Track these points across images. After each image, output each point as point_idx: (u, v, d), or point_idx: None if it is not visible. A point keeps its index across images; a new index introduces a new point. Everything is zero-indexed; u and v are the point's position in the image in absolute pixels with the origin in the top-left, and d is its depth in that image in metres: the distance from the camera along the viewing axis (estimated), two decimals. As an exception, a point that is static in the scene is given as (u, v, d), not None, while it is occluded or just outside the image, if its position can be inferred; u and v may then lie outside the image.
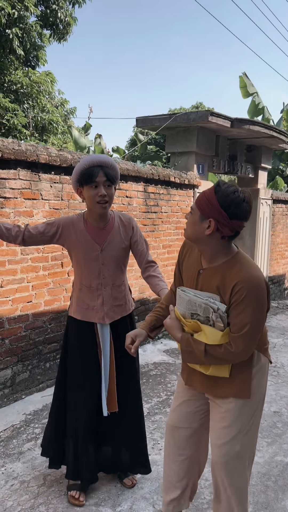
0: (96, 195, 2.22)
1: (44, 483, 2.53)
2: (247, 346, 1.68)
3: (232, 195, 1.63)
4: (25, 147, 3.46)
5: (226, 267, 1.71)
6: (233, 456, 1.81)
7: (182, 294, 1.78)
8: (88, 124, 12.24)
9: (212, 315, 1.69)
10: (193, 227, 1.72)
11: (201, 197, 1.70)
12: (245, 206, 1.64)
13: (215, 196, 1.64)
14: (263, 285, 1.66)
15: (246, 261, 1.72)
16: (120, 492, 2.46)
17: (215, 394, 1.83)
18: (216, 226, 1.65)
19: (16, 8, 10.89)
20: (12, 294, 3.48)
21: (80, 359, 2.41)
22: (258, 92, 11.71)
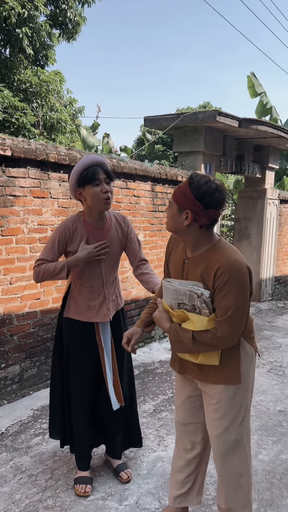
0: (101, 191, 2.26)
1: (52, 476, 2.58)
2: (232, 329, 1.73)
3: (204, 186, 1.71)
4: (35, 146, 3.50)
5: (209, 254, 1.77)
6: (232, 445, 1.87)
7: (168, 284, 1.83)
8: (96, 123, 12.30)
9: (197, 301, 1.74)
10: (172, 220, 1.81)
11: (177, 191, 1.79)
12: (218, 195, 1.72)
13: (189, 189, 1.73)
14: (244, 269, 1.72)
15: (228, 247, 1.79)
16: (127, 486, 2.50)
17: (207, 380, 1.87)
18: (193, 216, 1.73)
19: (26, 7, 10.95)
20: (21, 291, 3.52)
21: (82, 359, 2.46)
22: (266, 92, 11.69)
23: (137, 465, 2.71)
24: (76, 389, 2.47)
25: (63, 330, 2.52)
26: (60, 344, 2.53)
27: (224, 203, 1.75)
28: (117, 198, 4.47)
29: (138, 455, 2.81)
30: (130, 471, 2.58)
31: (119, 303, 2.55)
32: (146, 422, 3.24)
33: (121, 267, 4.55)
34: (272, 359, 4.81)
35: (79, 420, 2.48)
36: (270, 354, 4.99)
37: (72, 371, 2.47)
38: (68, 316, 2.46)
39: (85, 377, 2.46)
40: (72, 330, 2.46)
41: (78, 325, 2.44)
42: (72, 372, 2.47)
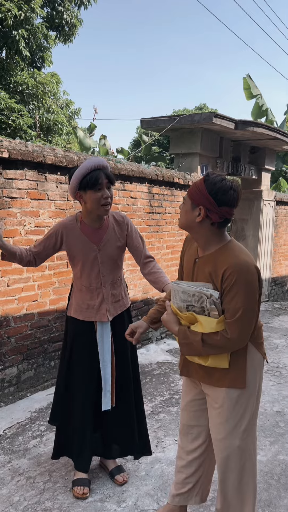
0: (101, 197, 2.28)
1: (50, 479, 2.57)
2: (242, 331, 1.72)
3: (219, 183, 1.73)
4: (32, 148, 3.50)
5: (218, 254, 1.78)
6: (234, 451, 1.85)
7: (176, 286, 1.83)
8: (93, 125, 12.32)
9: (206, 302, 1.73)
10: (185, 216, 1.82)
11: (192, 187, 1.80)
12: (232, 193, 1.73)
13: (204, 185, 1.75)
14: (253, 270, 1.71)
15: (237, 248, 1.79)
16: (125, 488, 2.50)
17: (211, 383, 1.86)
18: (206, 213, 1.74)
19: (23, 9, 10.96)
20: (18, 293, 3.52)
21: (82, 358, 2.46)
22: (261, 94, 11.74)
23: (135, 466, 2.71)
24: (79, 389, 2.47)
25: (67, 329, 2.54)
26: (65, 344, 2.54)
27: (238, 201, 1.76)
28: (114, 200, 4.47)
29: (136, 457, 2.81)
30: (126, 474, 2.58)
31: (124, 303, 2.54)
32: (144, 423, 3.25)
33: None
34: (269, 360, 4.83)
35: (81, 421, 2.47)
36: (267, 355, 5.00)
37: (74, 371, 2.48)
38: (70, 314, 2.48)
39: (87, 377, 2.46)
40: (73, 329, 2.47)
41: (79, 324, 2.45)
42: (74, 372, 2.48)
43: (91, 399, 2.47)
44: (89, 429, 2.49)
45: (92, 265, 2.40)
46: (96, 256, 2.40)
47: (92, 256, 2.39)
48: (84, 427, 2.47)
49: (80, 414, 2.47)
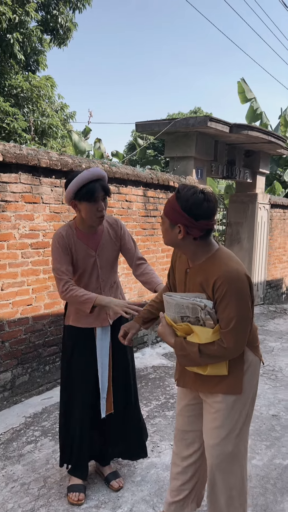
0: (96, 210, 2.28)
1: (45, 485, 2.55)
2: (238, 340, 1.71)
3: (191, 198, 1.69)
4: (27, 151, 3.49)
5: (208, 264, 1.76)
6: (226, 457, 1.84)
7: (169, 299, 1.81)
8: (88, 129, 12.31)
9: (201, 313, 1.72)
10: (166, 235, 1.80)
11: (167, 206, 1.76)
12: (206, 205, 1.69)
13: (177, 203, 1.71)
14: (243, 278, 1.70)
15: (226, 256, 1.76)
16: (120, 494, 2.48)
17: (207, 391, 1.85)
18: (186, 230, 1.71)
19: (17, 13, 10.96)
20: (12, 297, 3.50)
21: (81, 365, 2.44)
22: (256, 97, 11.79)
23: (130, 471, 2.69)
24: (78, 397, 2.45)
25: (65, 339, 2.52)
26: (64, 354, 2.52)
27: (215, 211, 1.73)
28: (109, 203, 4.46)
29: (132, 462, 2.79)
30: (122, 480, 2.56)
31: None
32: (140, 428, 3.22)
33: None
34: (265, 363, 4.82)
35: (81, 429, 2.44)
36: (263, 358, 4.99)
37: (74, 380, 2.45)
38: (68, 323, 2.45)
39: (87, 386, 2.44)
40: (72, 338, 2.45)
41: (78, 332, 2.43)
42: (74, 381, 2.45)
43: (90, 406, 2.45)
44: (89, 437, 2.47)
45: (91, 270, 2.40)
46: (95, 261, 2.40)
47: (91, 261, 2.39)
48: (84, 435, 2.45)
49: (80, 422, 2.45)
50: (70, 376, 2.47)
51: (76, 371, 2.45)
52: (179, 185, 1.77)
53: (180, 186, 1.75)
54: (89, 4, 13.24)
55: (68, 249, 2.34)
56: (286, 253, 9.25)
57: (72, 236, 2.36)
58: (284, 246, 9.11)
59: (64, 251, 2.32)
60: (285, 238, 9.11)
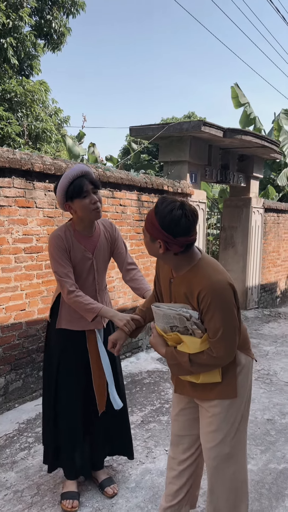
0: (90, 203, 2.26)
1: (38, 492, 2.52)
2: (227, 348, 1.71)
3: (169, 215, 1.65)
4: (20, 156, 3.47)
5: (190, 275, 1.75)
6: (224, 459, 1.84)
7: (157, 310, 1.81)
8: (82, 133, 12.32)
9: (188, 324, 1.73)
10: (148, 248, 1.79)
11: (147, 220, 1.75)
12: (184, 221, 1.65)
13: (155, 218, 1.68)
14: (226, 287, 1.68)
15: (209, 266, 1.74)
16: (115, 501, 2.45)
17: (203, 397, 1.86)
18: (165, 246, 1.70)
19: (11, 18, 10.96)
20: (5, 302, 3.47)
21: (73, 371, 2.43)
22: (249, 102, 11.85)
23: (125, 478, 2.67)
24: (67, 401, 2.43)
25: (52, 343, 2.48)
26: (50, 358, 2.48)
27: (194, 227, 1.69)
28: (104, 208, 4.45)
29: (126, 468, 2.77)
30: (116, 487, 2.54)
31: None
32: (134, 433, 3.20)
33: (108, 276, 4.52)
34: (259, 367, 4.82)
35: (72, 430, 2.43)
36: (257, 362, 4.99)
37: (62, 384, 2.43)
38: (60, 326, 2.42)
39: (76, 389, 2.43)
40: (64, 341, 2.43)
41: (71, 335, 2.41)
42: (62, 385, 2.43)
43: (80, 409, 2.44)
44: (81, 438, 2.46)
45: (88, 273, 2.39)
46: (92, 264, 2.40)
47: (88, 264, 2.39)
48: (76, 436, 2.44)
49: (72, 423, 2.43)
50: (58, 379, 2.44)
51: (65, 376, 2.42)
52: (158, 199, 1.74)
53: (159, 201, 1.71)
54: (82, 9, 13.27)
55: (67, 250, 2.32)
56: (280, 257, 9.28)
57: (70, 237, 2.34)
58: (278, 250, 9.14)
59: (64, 252, 2.30)
60: (279, 242, 9.14)
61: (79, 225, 2.36)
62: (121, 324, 2.17)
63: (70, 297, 2.25)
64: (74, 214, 2.33)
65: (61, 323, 2.42)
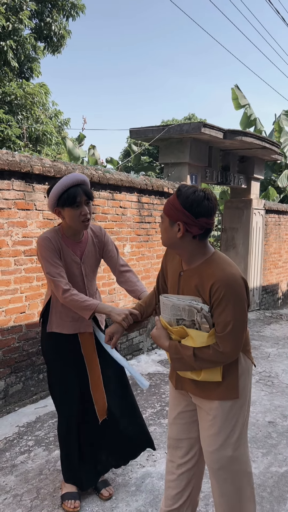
0: (80, 214, 2.26)
1: (38, 496, 2.50)
2: (234, 344, 1.70)
3: (192, 196, 1.70)
4: (19, 158, 3.47)
5: (204, 267, 1.75)
6: (227, 461, 1.81)
7: (166, 300, 1.79)
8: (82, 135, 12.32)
9: (197, 316, 1.71)
10: (166, 234, 1.79)
11: (166, 204, 1.77)
12: (206, 203, 1.71)
13: (177, 200, 1.72)
14: (240, 282, 1.69)
15: (223, 260, 1.76)
16: (115, 505, 2.43)
17: (204, 396, 1.83)
18: (185, 227, 1.72)
19: (11, 20, 10.98)
20: (5, 305, 3.46)
21: (67, 375, 2.41)
22: (250, 104, 11.85)
23: (125, 481, 2.65)
24: (63, 406, 2.41)
25: (44, 348, 2.47)
26: (49, 366, 2.47)
27: (215, 210, 1.74)
28: (104, 210, 4.45)
29: (127, 471, 2.75)
30: (112, 488, 2.52)
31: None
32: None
33: (108, 278, 4.51)
34: (261, 369, 4.80)
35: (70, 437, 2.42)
36: (259, 364, 4.97)
37: (57, 389, 2.42)
38: (52, 330, 2.40)
39: (72, 394, 2.41)
40: (56, 345, 2.41)
41: (62, 339, 2.39)
42: (57, 390, 2.42)
43: (75, 419, 2.42)
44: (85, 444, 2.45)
45: (77, 278, 2.38)
46: (81, 269, 2.39)
47: (77, 269, 2.38)
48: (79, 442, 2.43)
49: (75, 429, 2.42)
50: (53, 385, 2.43)
51: (59, 381, 2.42)
52: (180, 185, 1.79)
53: (181, 185, 1.77)
54: (82, 12, 13.31)
55: (57, 251, 2.30)
56: (281, 258, 9.26)
57: (59, 241, 2.33)
58: (279, 251, 9.12)
59: (54, 253, 2.28)
60: (280, 244, 9.12)
61: (67, 231, 2.36)
62: (119, 319, 2.14)
63: (65, 296, 2.22)
64: (62, 219, 2.34)
65: (52, 326, 2.40)
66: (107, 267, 2.60)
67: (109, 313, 2.21)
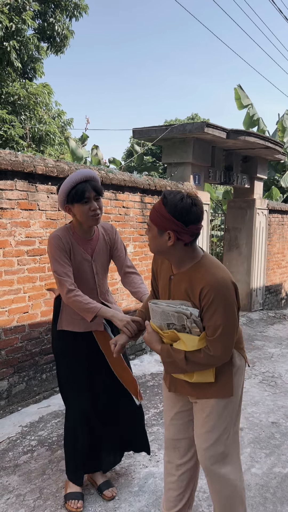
0: (89, 210, 2.26)
1: (40, 496, 2.50)
2: (224, 347, 1.70)
3: (180, 204, 1.67)
4: (22, 158, 3.47)
5: (193, 271, 1.74)
6: (219, 458, 1.84)
7: (155, 307, 1.79)
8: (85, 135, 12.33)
9: (187, 321, 1.71)
10: (154, 242, 1.77)
11: (153, 213, 1.74)
12: (195, 209, 1.68)
13: (165, 209, 1.68)
14: (229, 286, 1.68)
15: (212, 264, 1.74)
16: (117, 505, 2.43)
17: (199, 396, 1.84)
18: (176, 236, 1.69)
19: (14, 21, 10.99)
20: (8, 305, 3.46)
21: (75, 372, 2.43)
22: (253, 103, 11.82)
23: (127, 481, 2.65)
24: (72, 402, 2.44)
25: (54, 344, 2.50)
26: (59, 363, 2.49)
27: (202, 215, 1.72)
28: (106, 210, 4.44)
29: (129, 471, 2.75)
30: (115, 490, 2.52)
31: (115, 309, 2.51)
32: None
33: (111, 278, 4.51)
34: (264, 370, 4.78)
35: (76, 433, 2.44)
36: (262, 365, 4.96)
37: (67, 387, 2.45)
38: (62, 328, 2.42)
39: (81, 391, 2.43)
40: (66, 343, 2.43)
41: (73, 337, 2.41)
42: (66, 388, 2.45)
43: (86, 410, 2.45)
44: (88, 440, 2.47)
45: (88, 276, 2.39)
46: (91, 267, 2.39)
47: (88, 267, 2.38)
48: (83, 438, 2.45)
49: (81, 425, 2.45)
50: (62, 382, 2.46)
51: (68, 377, 2.44)
52: (164, 191, 1.75)
53: (165, 192, 1.72)
54: (85, 12, 13.30)
55: (66, 251, 2.30)
56: (285, 258, 9.23)
57: (70, 239, 2.34)
58: (283, 251, 9.10)
59: (63, 252, 2.29)
60: (284, 243, 9.10)
61: (78, 228, 2.36)
62: (121, 325, 2.14)
63: (69, 296, 2.22)
64: (73, 217, 2.34)
65: (62, 324, 2.43)
66: (110, 267, 2.60)
67: (111, 318, 2.21)
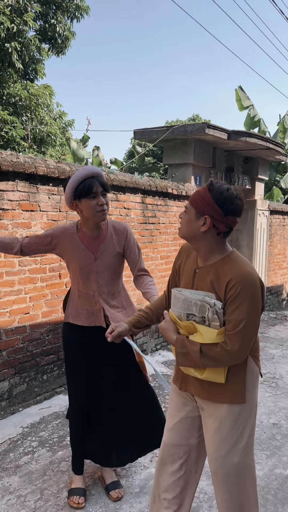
0: (97, 204, 2.27)
1: (41, 497, 2.50)
2: (242, 343, 1.66)
3: (226, 193, 1.69)
4: (24, 159, 3.48)
5: (221, 264, 1.73)
6: (234, 468, 1.76)
7: (178, 293, 1.77)
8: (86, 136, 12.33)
9: (209, 312, 1.68)
10: (188, 225, 1.76)
11: (195, 196, 1.74)
12: (238, 202, 1.70)
13: (209, 194, 1.70)
14: (257, 282, 1.67)
15: (241, 259, 1.74)
16: (118, 506, 2.43)
17: (210, 399, 1.78)
18: (212, 222, 1.70)
19: (15, 22, 11.02)
20: (9, 305, 3.47)
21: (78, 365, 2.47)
22: (253, 105, 11.83)
23: (129, 482, 2.65)
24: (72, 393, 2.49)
25: (63, 336, 2.55)
26: (66, 356, 2.55)
27: (242, 211, 1.73)
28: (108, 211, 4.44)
29: (130, 473, 2.75)
30: (122, 491, 2.52)
31: (127, 313, 2.50)
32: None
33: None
34: (265, 371, 4.78)
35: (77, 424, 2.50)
36: (263, 366, 4.95)
37: (69, 378, 2.51)
38: (68, 320, 2.47)
39: (81, 384, 2.47)
40: (71, 335, 2.47)
41: (77, 330, 2.44)
42: (69, 379, 2.51)
43: (82, 403, 2.49)
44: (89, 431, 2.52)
45: (88, 273, 2.39)
46: (92, 265, 2.39)
47: (88, 264, 2.39)
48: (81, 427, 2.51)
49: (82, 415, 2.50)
50: (73, 371, 2.50)
51: (71, 370, 2.49)
52: (211, 179, 1.77)
53: (213, 180, 1.75)
54: (87, 13, 13.34)
55: (54, 239, 2.38)
56: (286, 259, 9.23)
57: (75, 234, 2.38)
58: (284, 252, 9.09)
59: (49, 235, 2.39)
60: (285, 244, 9.09)
61: (84, 226, 2.39)
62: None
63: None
64: (80, 214, 2.35)
65: (68, 317, 2.48)
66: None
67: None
